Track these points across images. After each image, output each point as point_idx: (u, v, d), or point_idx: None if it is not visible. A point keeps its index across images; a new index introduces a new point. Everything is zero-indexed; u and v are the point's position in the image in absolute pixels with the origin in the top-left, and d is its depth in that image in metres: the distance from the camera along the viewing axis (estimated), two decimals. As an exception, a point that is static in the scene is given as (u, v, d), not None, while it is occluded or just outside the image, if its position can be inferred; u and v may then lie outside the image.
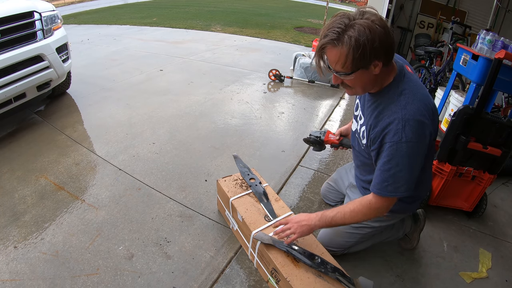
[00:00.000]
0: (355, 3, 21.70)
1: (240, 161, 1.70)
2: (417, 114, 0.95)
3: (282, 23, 8.39)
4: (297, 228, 1.17)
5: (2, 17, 2.05)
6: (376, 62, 0.92)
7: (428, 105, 0.99)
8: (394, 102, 1.00)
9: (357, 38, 0.86)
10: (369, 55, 0.89)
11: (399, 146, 0.96)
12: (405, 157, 0.97)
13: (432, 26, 4.50)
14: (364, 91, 1.05)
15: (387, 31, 0.89)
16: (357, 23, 0.87)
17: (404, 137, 0.95)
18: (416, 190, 1.21)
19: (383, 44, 0.89)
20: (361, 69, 0.93)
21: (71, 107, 2.91)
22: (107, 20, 8.00)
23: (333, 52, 0.91)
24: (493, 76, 1.57)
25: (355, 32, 0.86)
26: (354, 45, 0.87)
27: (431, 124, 0.99)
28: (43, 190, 1.83)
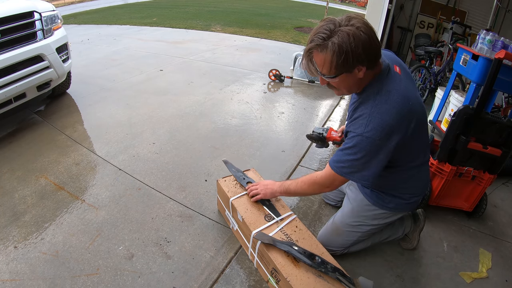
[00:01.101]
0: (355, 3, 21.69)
1: (232, 166, 1.67)
2: (385, 114, 0.98)
3: (282, 23, 8.39)
4: (262, 190, 1.40)
5: (2, 17, 2.05)
6: (359, 67, 0.96)
7: (403, 109, 1.00)
8: (370, 99, 1.04)
9: (340, 45, 0.90)
10: (351, 61, 0.93)
11: (359, 139, 1.01)
12: (363, 151, 1.02)
13: (432, 26, 4.50)
14: (349, 92, 1.10)
15: (371, 37, 0.93)
16: (342, 30, 0.91)
17: (366, 132, 0.99)
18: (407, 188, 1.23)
19: (366, 51, 0.93)
20: (345, 73, 0.98)
21: (71, 107, 2.91)
22: (107, 20, 8.00)
23: (318, 56, 0.96)
24: (493, 76, 1.57)
25: (338, 38, 0.91)
26: (337, 51, 0.91)
27: (399, 127, 1.00)
28: (43, 190, 1.83)
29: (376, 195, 1.28)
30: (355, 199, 1.36)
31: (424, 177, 1.27)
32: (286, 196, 1.45)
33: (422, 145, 1.17)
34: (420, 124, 1.08)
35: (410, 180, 1.22)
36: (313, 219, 1.71)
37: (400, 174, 1.19)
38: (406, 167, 1.18)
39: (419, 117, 1.06)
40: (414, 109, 1.03)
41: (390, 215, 1.30)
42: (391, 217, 1.31)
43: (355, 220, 1.34)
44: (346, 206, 1.41)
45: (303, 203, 1.81)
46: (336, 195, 1.73)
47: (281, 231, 1.31)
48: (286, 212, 1.41)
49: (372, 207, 1.30)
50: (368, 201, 1.30)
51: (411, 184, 1.24)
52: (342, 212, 1.41)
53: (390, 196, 1.26)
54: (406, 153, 1.11)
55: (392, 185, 1.24)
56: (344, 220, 1.37)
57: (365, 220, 1.32)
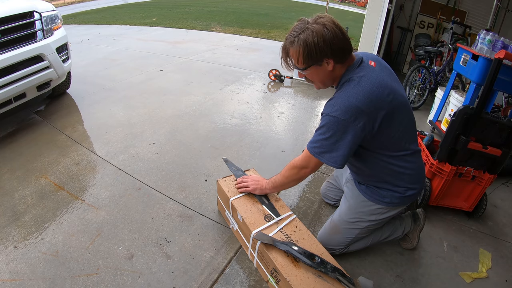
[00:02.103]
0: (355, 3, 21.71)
1: (232, 165, 1.67)
2: (351, 97, 1.05)
3: (282, 23, 8.39)
4: (252, 184, 1.46)
5: (2, 17, 2.05)
6: (327, 60, 1.08)
7: (371, 94, 1.05)
8: (341, 88, 1.12)
9: (305, 40, 1.05)
10: (315, 53, 1.06)
11: (327, 118, 1.09)
12: (330, 130, 1.09)
13: (432, 26, 4.50)
14: (325, 85, 1.20)
15: (335, 33, 1.05)
16: (308, 27, 1.05)
17: (333, 112, 1.07)
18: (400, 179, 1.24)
19: (329, 45, 1.05)
20: (314, 65, 1.11)
21: (71, 107, 2.91)
22: (107, 20, 8.00)
23: (290, 51, 1.11)
24: (493, 76, 1.57)
25: (304, 34, 1.06)
26: (302, 45, 1.06)
27: (367, 110, 1.05)
28: (43, 190, 1.83)
29: (371, 190, 1.29)
30: (352, 196, 1.38)
31: (416, 169, 1.25)
32: (276, 191, 1.47)
33: (404, 135, 1.17)
34: (397, 112, 1.11)
35: (399, 172, 1.22)
36: (313, 219, 1.71)
37: (384, 163, 1.20)
38: (389, 156, 1.19)
39: (396, 106, 1.10)
40: (388, 97, 1.08)
41: (387, 210, 1.30)
42: (388, 212, 1.31)
43: (352, 217, 1.35)
44: (343, 204, 1.42)
45: (303, 203, 1.81)
46: (335, 194, 1.73)
47: (281, 231, 1.31)
48: (286, 212, 1.41)
49: (368, 203, 1.31)
50: (364, 197, 1.32)
51: (403, 176, 1.23)
52: (339, 210, 1.43)
53: (385, 190, 1.26)
54: (384, 140, 1.14)
55: (381, 176, 1.25)
56: (342, 218, 1.39)
57: (363, 216, 1.33)
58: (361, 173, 1.33)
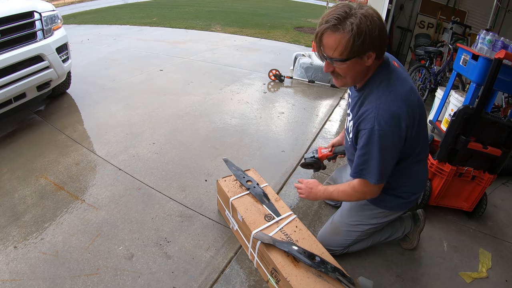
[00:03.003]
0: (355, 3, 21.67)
1: (232, 165, 1.67)
2: (391, 105, 0.98)
3: (282, 23, 8.39)
4: (306, 191, 1.34)
5: (2, 17, 2.05)
6: (370, 53, 0.96)
7: (405, 98, 1.00)
8: (373, 92, 1.03)
9: (359, 25, 0.89)
10: (367, 43, 0.92)
11: (370, 134, 0.99)
12: (376, 145, 1.00)
13: (432, 26, 4.49)
14: (353, 82, 1.08)
15: (383, 25, 0.94)
16: (358, 12, 0.91)
17: (376, 125, 0.98)
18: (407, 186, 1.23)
19: (380, 36, 0.93)
20: (356, 58, 0.96)
21: (71, 107, 2.91)
22: (107, 20, 7.99)
23: (331, 38, 0.93)
24: (493, 76, 1.57)
25: (356, 19, 0.89)
26: (356, 32, 0.89)
27: (407, 116, 1.00)
28: (43, 190, 1.82)
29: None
30: None
31: (425, 173, 1.27)
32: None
33: (424, 138, 1.16)
34: (422, 116, 1.08)
35: (413, 177, 1.22)
36: (313, 219, 1.71)
37: (406, 170, 1.18)
38: (411, 162, 1.16)
39: (421, 109, 1.06)
40: (417, 100, 1.04)
41: (389, 214, 1.30)
42: (389, 216, 1.31)
43: (354, 220, 1.35)
44: (345, 205, 1.41)
45: (303, 203, 1.81)
46: (335, 195, 1.73)
47: (281, 231, 1.31)
48: (286, 212, 1.41)
49: (371, 206, 1.30)
50: (366, 200, 1.30)
51: (413, 182, 1.24)
52: (341, 212, 1.42)
53: (390, 195, 1.25)
54: (411, 146, 1.10)
55: (397, 183, 1.23)
56: (343, 220, 1.38)
57: (364, 219, 1.32)
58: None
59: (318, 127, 2.72)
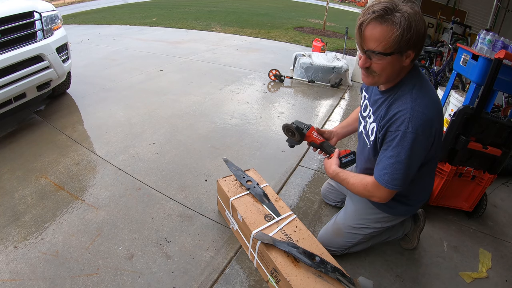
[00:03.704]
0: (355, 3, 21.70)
1: (232, 165, 1.67)
2: (426, 109, 0.95)
3: (282, 23, 8.39)
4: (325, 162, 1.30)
5: (2, 17, 2.05)
6: (410, 52, 0.93)
7: (436, 103, 1.01)
8: (406, 94, 1.00)
9: (409, 20, 0.86)
10: (413, 40, 0.89)
11: (403, 136, 0.95)
12: (407, 148, 0.96)
13: (432, 26, 4.50)
14: (386, 81, 1.04)
15: (426, 26, 0.91)
16: (408, 6, 0.87)
17: (411, 127, 0.94)
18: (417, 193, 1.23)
19: (424, 35, 0.91)
20: (397, 54, 0.92)
21: (71, 107, 2.91)
22: (107, 20, 8.00)
23: (377, 29, 0.89)
24: (493, 76, 1.57)
25: (405, 13, 0.86)
26: (406, 26, 0.86)
27: (438, 121, 0.99)
28: (43, 190, 1.82)
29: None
30: (359, 201, 1.34)
31: (431, 182, 1.27)
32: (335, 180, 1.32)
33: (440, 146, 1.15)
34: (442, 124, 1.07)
35: (424, 184, 1.21)
36: (313, 219, 1.71)
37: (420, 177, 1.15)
38: (426, 169, 1.14)
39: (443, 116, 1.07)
40: (441, 106, 1.05)
41: (393, 219, 1.30)
42: (393, 221, 1.31)
43: (357, 223, 1.33)
44: (349, 207, 1.39)
45: (303, 203, 1.81)
46: (336, 196, 1.73)
47: (281, 231, 1.31)
48: (286, 212, 1.41)
49: (376, 210, 1.29)
50: (372, 204, 1.29)
51: (422, 189, 1.23)
52: (345, 214, 1.40)
53: (399, 202, 1.23)
54: (432, 153, 1.07)
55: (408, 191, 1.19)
56: (346, 222, 1.36)
57: (368, 223, 1.31)
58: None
59: (318, 127, 2.71)
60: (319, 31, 7.71)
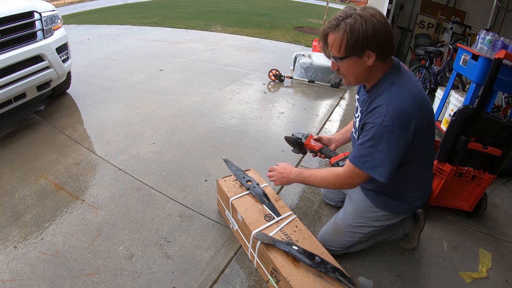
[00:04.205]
0: (355, 3, 21.72)
1: (232, 164, 1.67)
2: (404, 103, 0.99)
3: (282, 23, 8.39)
4: (278, 178, 1.37)
5: (2, 17, 2.05)
6: (369, 53, 0.99)
7: (418, 98, 1.01)
8: (385, 90, 1.04)
9: (352, 25, 0.96)
10: (361, 42, 0.97)
11: (379, 128, 1.00)
12: (383, 141, 1.00)
13: (432, 26, 4.50)
14: (357, 82, 1.11)
15: (384, 26, 0.97)
16: (356, 13, 0.97)
17: (386, 120, 0.98)
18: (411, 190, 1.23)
19: (377, 36, 0.96)
20: (354, 56, 1.01)
21: (71, 107, 2.91)
22: (107, 20, 8.00)
23: (331, 37, 1.02)
24: (493, 76, 1.57)
25: (351, 19, 0.97)
26: (349, 30, 0.96)
27: (418, 116, 1.00)
28: (43, 190, 1.82)
29: (380, 197, 1.27)
30: (358, 200, 1.35)
31: (430, 179, 1.27)
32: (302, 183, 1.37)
33: (432, 142, 1.16)
34: (432, 119, 1.08)
35: (419, 182, 1.22)
36: (313, 219, 1.71)
37: (412, 173, 1.17)
38: (418, 165, 1.16)
39: (431, 113, 1.08)
40: (427, 103, 1.05)
41: (392, 217, 1.30)
42: (393, 219, 1.31)
43: (357, 221, 1.34)
44: (349, 206, 1.40)
45: (303, 203, 1.81)
46: (336, 195, 1.73)
47: (281, 231, 1.31)
48: (286, 212, 1.41)
49: (375, 209, 1.29)
50: (371, 202, 1.29)
51: (419, 187, 1.24)
52: (344, 213, 1.40)
53: (396, 200, 1.25)
54: (419, 148, 1.09)
55: (403, 187, 1.22)
56: (346, 221, 1.37)
57: (368, 221, 1.32)
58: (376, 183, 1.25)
59: (318, 127, 2.72)
60: (319, 31, 7.70)
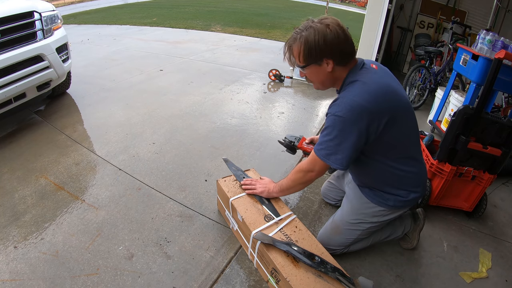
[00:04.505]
0: (355, 3, 21.70)
1: (232, 164, 1.67)
2: (357, 96, 1.05)
3: (282, 23, 8.39)
4: (260, 187, 1.46)
5: (2, 17, 2.05)
6: (326, 60, 1.10)
7: (379, 93, 1.06)
8: (347, 88, 1.12)
9: (306, 37, 1.08)
10: (315, 52, 1.08)
11: (332, 118, 1.08)
12: (336, 130, 1.08)
13: (432, 26, 4.49)
14: (324, 86, 1.22)
15: (337, 35, 1.06)
16: (312, 26, 1.08)
17: (339, 111, 1.06)
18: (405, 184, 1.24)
19: (329, 45, 1.06)
20: (313, 64, 1.12)
21: (71, 107, 2.91)
22: (107, 20, 8.00)
23: (293, 48, 1.14)
24: (493, 76, 1.57)
25: (306, 32, 1.08)
26: (303, 42, 1.08)
27: (374, 111, 1.04)
28: (43, 190, 1.83)
29: (374, 192, 1.29)
30: (354, 197, 1.37)
31: (418, 172, 1.25)
32: (283, 195, 1.46)
33: (410, 138, 1.18)
34: (400, 115, 1.11)
35: (401, 175, 1.22)
36: (313, 219, 1.71)
37: (386, 167, 1.20)
38: (392, 161, 1.18)
39: (400, 108, 1.11)
40: (392, 98, 1.09)
41: (389, 212, 1.30)
42: (390, 214, 1.31)
43: (354, 218, 1.35)
44: (346, 204, 1.42)
45: (303, 203, 1.81)
46: (336, 194, 1.73)
47: (280, 231, 1.31)
48: (286, 212, 1.41)
49: (371, 205, 1.30)
50: (367, 198, 1.31)
51: (405, 180, 1.24)
52: (341, 211, 1.42)
53: (387, 193, 1.26)
54: (387, 144, 1.13)
55: (383, 180, 1.25)
56: (343, 219, 1.38)
57: (365, 217, 1.33)
58: (363, 178, 1.33)
59: (318, 127, 2.72)
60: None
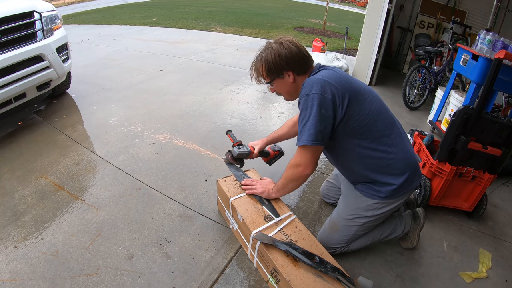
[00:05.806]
0: (355, 3, 21.71)
1: (232, 165, 1.68)
2: (321, 76, 1.17)
3: (282, 23, 8.40)
4: (259, 189, 1.49)
5: (2, 17, 2.05)
6: (287, 72, 1.26)
7: (335, 76, 1.17)
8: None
9: (265, 56, 1.27)
10: (274, 67, 1.25)
11: (306, 98, 1.16)
12: (308, 109, 1.15)
13: (432, 26, 4.50)
14: (291, 97, 1.35)
15: (290, 50, 1.23)
16: (269, 47, 1.27)
17: (305, 90, 1.16)
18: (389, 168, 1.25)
19: (285, 59, 1.23)
20: (277, 78, 1.28)
21: (71, 107, 2.91)
22: (107, 20, 8.00)
23: (257, 68, 1.31)
24: (493, 76, 1.57)
25: (265, 53, 1.27)
26: (264, 61, 1.27)
27: (334, 85, 1.14)
28: (43, 190, 1.82)
29: (365, 186, 1.32)
30: (348, 194, 1.40)
31: (399, 152, 1.24)
32: (280, 195, 1.47)
33: (379, 117, 1.21)
34: (362, 93, 1.19)
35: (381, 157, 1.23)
36: (313, 219, 1.71)
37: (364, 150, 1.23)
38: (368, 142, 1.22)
39: (360, 88, 1.20)
40: (351, 81, 1.20)
41: (383, 205, 1.30)
42: (384, 207, 1.31)
43: (350, 213, 1.37)
44: (341, 203, 1.45)
45: (303, 203, 1.82)
46: (335, 193, 1.73)
47: (280, 231, 1.31)
48: (286, 213, 1.41)
49: (363, 198, 1.32)
50: (359, 192, 1.34)
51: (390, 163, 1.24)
52: (337, 209, 1.46)
53: (379, 184, 1.27)
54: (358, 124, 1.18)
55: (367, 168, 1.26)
56: (340, 215, 1.41)
57: (360, 212, 1.34)
58: (349, 171, 1.36)
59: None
60: (319, 31, 7.72)
